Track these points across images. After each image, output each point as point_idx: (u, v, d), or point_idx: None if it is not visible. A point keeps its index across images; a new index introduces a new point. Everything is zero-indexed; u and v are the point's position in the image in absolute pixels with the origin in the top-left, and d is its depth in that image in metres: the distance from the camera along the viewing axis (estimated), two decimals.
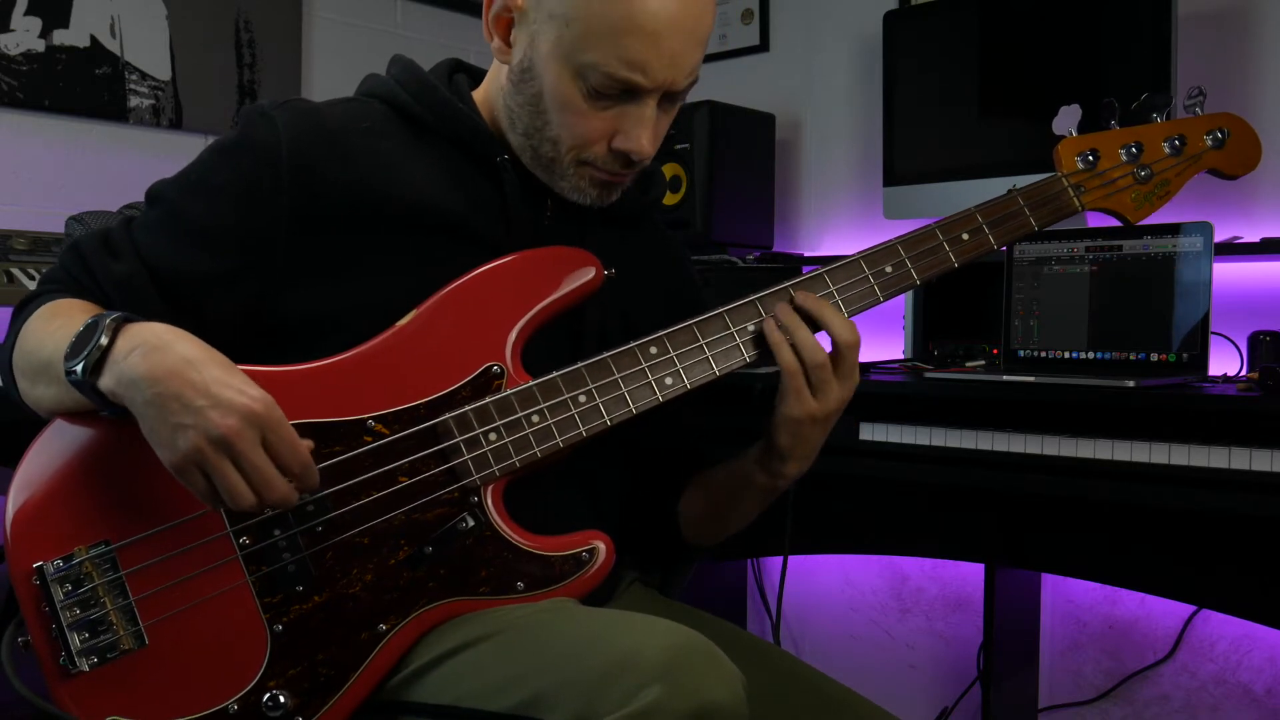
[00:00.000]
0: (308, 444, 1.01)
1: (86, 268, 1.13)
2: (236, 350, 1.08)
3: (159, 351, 0.97)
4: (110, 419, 1.03)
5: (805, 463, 1.18)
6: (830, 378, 1.12)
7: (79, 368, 0.99)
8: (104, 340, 0.99)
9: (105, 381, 0.99)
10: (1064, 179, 1.26)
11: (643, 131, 1.11)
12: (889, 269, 1.19)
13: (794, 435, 1.15)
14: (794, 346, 1.11)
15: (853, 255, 1.18)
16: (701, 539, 1.32)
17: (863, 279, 1.18)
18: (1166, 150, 1.28)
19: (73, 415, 1.07)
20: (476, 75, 1.26)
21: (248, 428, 0.96)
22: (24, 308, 1.14)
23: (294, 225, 1.12)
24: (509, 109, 1.17)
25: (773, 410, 1.15)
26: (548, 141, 1.14)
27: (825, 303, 1.13)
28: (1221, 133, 1.29)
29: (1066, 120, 1.29)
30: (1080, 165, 1.26)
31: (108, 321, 1.00)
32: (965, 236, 1.21)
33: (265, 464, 0.97)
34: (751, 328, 1.15)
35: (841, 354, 1.12)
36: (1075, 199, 1.25)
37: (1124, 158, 1.27)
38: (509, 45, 1.15)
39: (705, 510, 1.30)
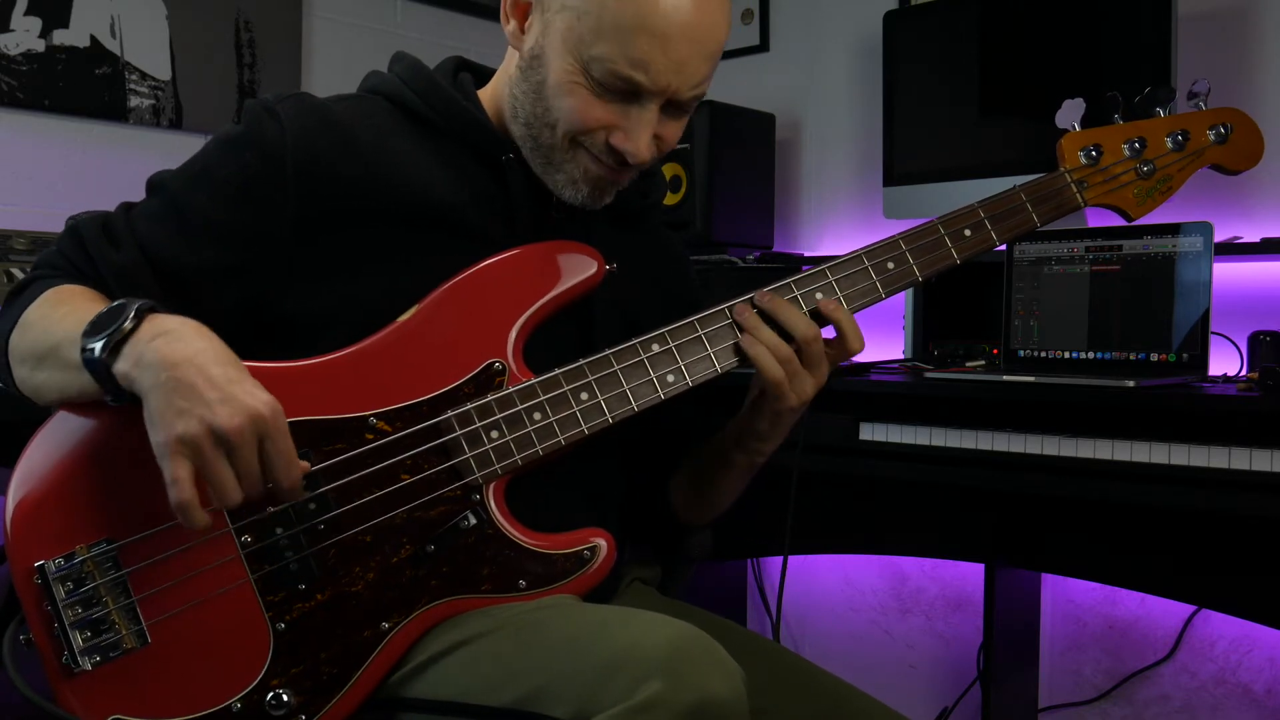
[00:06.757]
0: (304, 465, 1.02)
1: (86, 255, 1.12)
2: (237, 345, 1.07)
3: (181, 341, 0.98)
4: (111, 414, 1.03)
5: (780, 440, 1.25)
6: (800, 370, 1.15)
7: (98, 345, 0.98)
8: (128, 325, 0.99)
9: (121, 365, 0.99)
10: (1067, 174, 1.25)
11: (641, 133, 1.12)
12: (891, 265, 1.19)
13: (772, 422, 1.21)
14: (765, 346, 1.13)
15: (855, 251, 1.18)
16: (694, 519, 1.34)
17: (865, 274, 1.18)
18: (1169, 145, 1.28)
19: (73, 406, 1.07)
20: (481, 74, 1.26)
21: (250, 429, 0.96)
22: (21, 292, 1.13)
23: (298, 222, 1.12)
24: (514, 97, 1.17)
25: (749, 396, 1.21)
26: (547, 127, 1.14)
27: (782, 300, 1.15)
28: (1225, 128, 1.29)
29: (1070, 114, 1.28)
30: (1083, 160, 1.25)
31: (134, 308, 1.00)
32: (968, 232, 1.21)
33: (255, 469, 0.97)
34: None
35: (801, 349, 1.14)
36: (1078, 194, 1.25)
37: (1127, 153, 1.26)
38: (523, 31, 1.15)
39: (691, 490, 1.32)
